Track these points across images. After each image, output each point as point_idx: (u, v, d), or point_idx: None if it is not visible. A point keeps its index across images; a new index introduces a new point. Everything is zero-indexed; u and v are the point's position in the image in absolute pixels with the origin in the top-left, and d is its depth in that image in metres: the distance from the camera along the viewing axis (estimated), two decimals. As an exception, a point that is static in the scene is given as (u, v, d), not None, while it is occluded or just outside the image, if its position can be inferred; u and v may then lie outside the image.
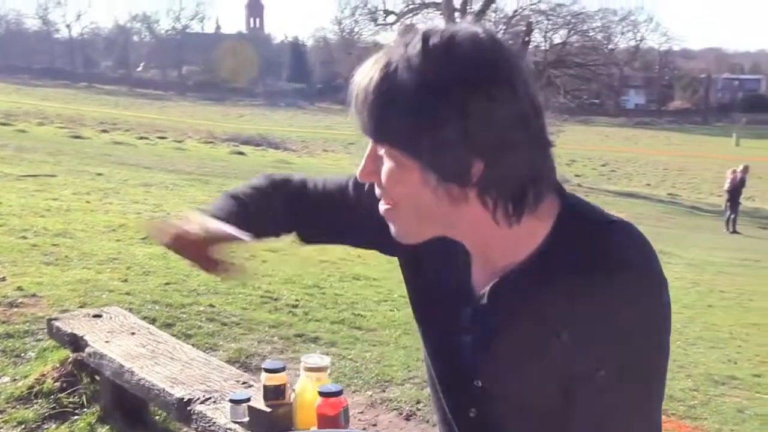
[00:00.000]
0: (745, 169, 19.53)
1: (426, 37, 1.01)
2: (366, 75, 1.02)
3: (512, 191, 1.03)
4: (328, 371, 2.06)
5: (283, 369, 2.17)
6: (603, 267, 1.05)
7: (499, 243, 1.11)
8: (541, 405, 1.16)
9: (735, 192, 19.09)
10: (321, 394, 1.90)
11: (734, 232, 18.88)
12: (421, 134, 0.99)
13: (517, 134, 0.99)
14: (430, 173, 1.01)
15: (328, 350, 4.23)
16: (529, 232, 1.09)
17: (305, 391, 2.04)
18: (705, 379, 4.75)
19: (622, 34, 39.42)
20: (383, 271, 6.76)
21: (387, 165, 1.05)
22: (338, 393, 1.90)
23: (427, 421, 3.44)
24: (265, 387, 2.16)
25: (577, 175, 31.71)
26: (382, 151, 1.05)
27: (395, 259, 1.38)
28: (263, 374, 2.17)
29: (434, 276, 1.27)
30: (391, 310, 5.32)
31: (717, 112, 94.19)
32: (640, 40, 51.22)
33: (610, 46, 35.76)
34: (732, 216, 19.17)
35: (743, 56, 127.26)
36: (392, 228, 1.11)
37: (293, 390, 2.10)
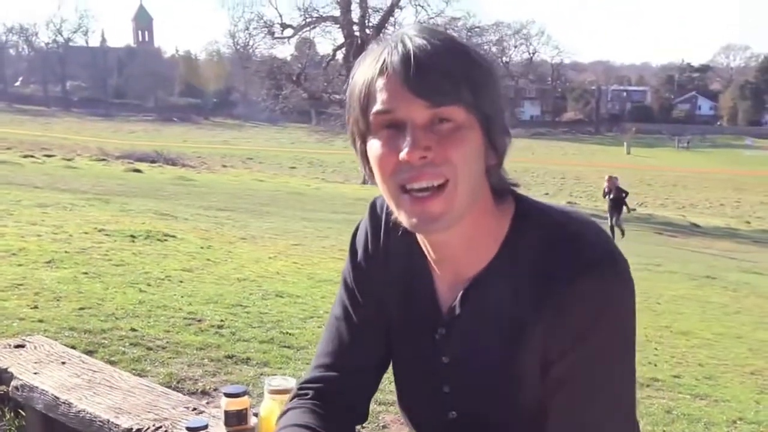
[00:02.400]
0: (616, 179, 19.83)
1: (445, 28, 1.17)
2: (422, 44, 1.05)
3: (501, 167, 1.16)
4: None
5: (245, 393, 2.07)
6: (566, 252, 1.10)
7: (479, 238, 1.17)
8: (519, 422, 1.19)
9: (618, 198, 19.33)
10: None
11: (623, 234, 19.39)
12: (492, 95, 1.09)
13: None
14: (487, 137, 1.10)
15: (261, 370, 4.09)
16: (495, 228, 1.17)
17: (272, 415, 1.94)
18: (631, 382, 4.87)
19: (516, 47, 40.84)
20: (304, 288, 6.65)
21: (454, 126, 1.07)
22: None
23: (373, 438, 3.38)
24: (226, 413, 2.05)
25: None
26: (449, 114, 1.06)
27: (315, 274, 1.38)
28: (224, 399, 2.06)
29: (402, 310, 1.31)
30: (318, 327, 5.21)
31: (608, 122, 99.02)
32: (533, 53, 53.14)
33: (504, 59, 36.83)
34: (616, 221, 19.30)
35: (629, 69, 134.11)
36: (432, 208, 1.08)
37: (255, 414, 2.01)
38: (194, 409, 2.44)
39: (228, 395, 2.06)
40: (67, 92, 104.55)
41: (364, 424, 3.42)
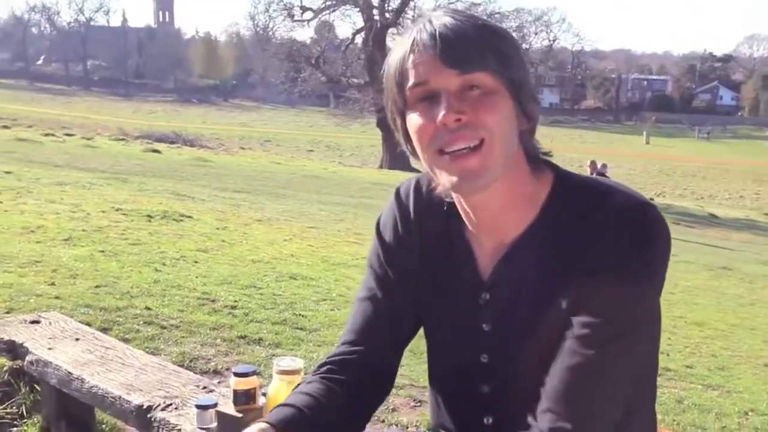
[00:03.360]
0: (604, 166, 19.58)
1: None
2: (448, 21, 1.14)
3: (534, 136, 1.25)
4: (302, 374, 1.99)
5: (254, 373, 2.09)
6: (607, 215, 1.16)
7: (517, 202, 1.23)
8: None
9: None
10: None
11: None
12: (517, 64, 1.17)
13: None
14: (517, 102, 1.16)
15: (273, 351, 4.12)
16: (533, 195, 1.24)
17: (279, 395, 1.96)
18: (643, 371, 4.86)
19: (536, 34, 40.45)
20: (318, 271, 6.68)
21: (485, 92, 1.14)
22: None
23: (383, 421, 3.41)
24: (235, 392, 2.07)
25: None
26: (478, 80, 1.13)
27: (329, 257, 1.39)
28: (233, 378, 2.08)
29: (441, 281, 1.35)
30: (331, 310, 5.24)
31: (627, 111, 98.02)
32: (554, 41, 52.70)
33: (524, 46, 36.54)
34: None
35: (650, 57, 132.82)
36: (470, 165, 1.14)
37: (263, 394, 2.03)
38: (204, 387, 2.47)
39: (237, 375, 2.08)
40: (88, 72, 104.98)
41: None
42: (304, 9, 37.49)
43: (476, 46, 1.12)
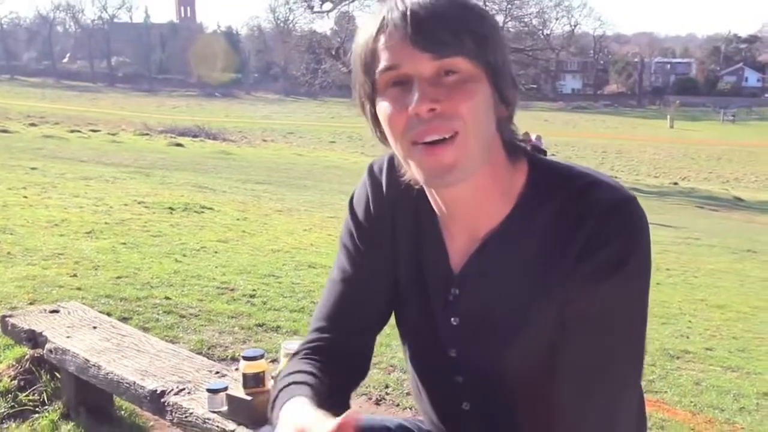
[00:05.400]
0: (539, 138, 18.78)
1: None
2: (417, 0, 1.05)
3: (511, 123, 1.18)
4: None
5: (262, 356, 2.13)
6: (587, 199, 1.12)
7: (493, 194, 1.17)
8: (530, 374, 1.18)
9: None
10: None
11: None
12: (495, 47, 1.09)
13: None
14: (495, 87, 1.10)
15: (291, 339, 4.16)
16: (508, 185, 1.18)
17: (287, 378, 2.00)
18: (661, 354, 4.84)
19: (557, 19, 39.99)
20: (337, 259, 6.69)
21: (461, 78, 1.06)
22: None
23: (397, 405, 3.43)
24: (244, 375, 2.12)
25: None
26: (454, 65, 1.06)
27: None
28: (242, 362, 2.12)
29: (412, 271, 1.30)
30: (349, 297, 5.27)
31: (651, 95, 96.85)
32: (575, 26, 52.13)
33: (545, 32, 36.25)
34: None
35: (674, 40, 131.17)
36: (444, 159, 1.07)
37: (272, 377, 2.06)
38: (217, 372, 2.52)
39: (246, 358, 2.12)
40: (113, 68, 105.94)
41: (389, 390, 3.49)
42: (323, 0, 37.46)
43: (452, 27, 1.04)
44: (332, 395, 1.24)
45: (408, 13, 1.04)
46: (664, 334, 5.46)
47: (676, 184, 30.00)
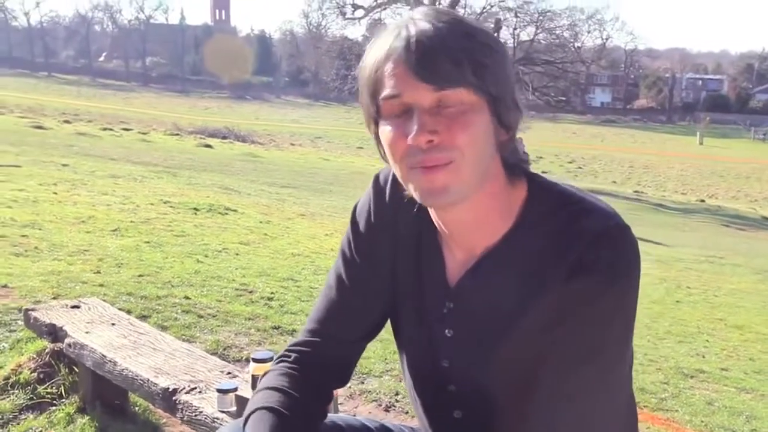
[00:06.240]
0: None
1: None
2: (426, 28, 1.09)
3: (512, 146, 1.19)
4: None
5: (271, 359, 2.17)
6: (582, 224, 1.15)
7: (491, 214, 1.21)
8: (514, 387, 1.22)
9: None
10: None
11: None
12: (498, 75, 1.11)
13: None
14: (495, 115, 1.13)
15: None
16: (507, 206, 1.22)
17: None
18: (675, 373, 4.83)
19: (589, 32, 39.91)
20: (356, 265, 6.74)
21: (461, 109, 1.10)
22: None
23: (406, 412, 3.47)
24: (253, 376, 2.16)
25: (544, 172, 31.26)
26: (454, 97, 1.09)
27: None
28: (251, 364, 2.17)
29: (410, 283, 1.34)
30: (366, 304, 5.31)
31: (681, 111, 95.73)
32: (606, 39, 51.94)
33: (576, 44, 36.13)
34: None
35: (706, 56, 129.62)
36: (437, 182, 1.11)
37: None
38: (228, 373, 2.58)
39: (256, 360, 2.17)
40: (147, 68, 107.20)
41: (398, 397, 3.53)
42: (355, 7, 37.62)
43: (455, 57, 1.07)
44: (301, 420, 1.28)
45: (413, 41, 1.08)
46: (680, 352, 5.44)
47: (702, 201, 29.64)
